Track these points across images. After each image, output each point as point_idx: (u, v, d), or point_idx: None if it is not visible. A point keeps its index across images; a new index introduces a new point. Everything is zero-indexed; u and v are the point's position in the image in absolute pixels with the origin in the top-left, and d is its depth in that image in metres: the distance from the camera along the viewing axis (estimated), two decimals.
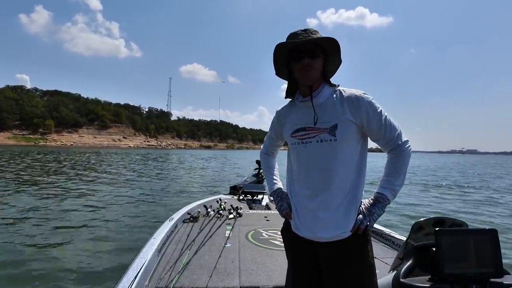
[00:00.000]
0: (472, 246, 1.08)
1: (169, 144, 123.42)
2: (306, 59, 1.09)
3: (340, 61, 1.16)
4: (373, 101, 1.11)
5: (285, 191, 1.34)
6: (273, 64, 1.21)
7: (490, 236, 1.09)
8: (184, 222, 3.32)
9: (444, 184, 15.42)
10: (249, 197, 5.11)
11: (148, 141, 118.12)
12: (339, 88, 1.17)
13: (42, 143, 79.87)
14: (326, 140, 1.11)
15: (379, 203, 1.13)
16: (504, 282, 1.07)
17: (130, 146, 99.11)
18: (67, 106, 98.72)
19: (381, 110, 1.12)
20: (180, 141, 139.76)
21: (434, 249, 1.14)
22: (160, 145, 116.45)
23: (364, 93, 1.13)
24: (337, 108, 1.12)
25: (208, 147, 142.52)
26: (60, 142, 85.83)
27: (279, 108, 1.33)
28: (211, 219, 3.40)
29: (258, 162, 6.73)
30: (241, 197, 5.06)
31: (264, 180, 6.41)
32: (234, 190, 5.59)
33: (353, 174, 1.14)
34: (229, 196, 5.19)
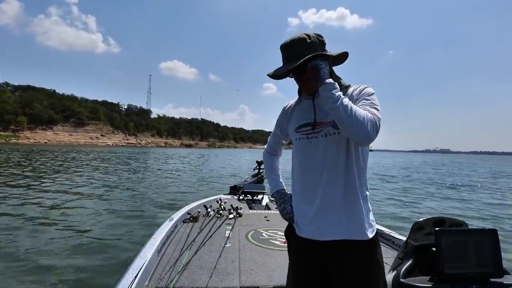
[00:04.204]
0: (472, 246, 1.07)
1: (149, 143, 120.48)
2: (297, 77, 1.13)
3: (344, 53, 1.13)
4: (370, 90, 1.10)
5: (288, 192, 1.31)
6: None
7: (490, 236, 1.08)
8: (184, 222, 3.33)
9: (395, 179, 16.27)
10: (249, 197, 5.10)
11: (127, 139, 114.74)
12: (349, 86, 1.17)
13: (14, 140, 76.09)
14: (331, 133, 1.11)
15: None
16: (504, 282, 1.06)
17: (108, 144, 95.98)
18: (41, 102, 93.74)
19: (373, 96, 1.09)
20: (160, 139, 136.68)
21: (434, 249, 1.14)
22: (139, 144, 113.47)
23: (368, 86, 1.12)
24: None
25: (189, 146, 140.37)
26: (34, 139, 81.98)
27: (286, 104, 1.34)
28: (211, 219, 3.41)
29: (258, 162, 6.72)
30: (241, 197, 5.06)
31: (264, 180, 6.45)
32: (234, 190, 5.59)
33: (359, 168, 1.12)
34: (229, 196, 5.18)
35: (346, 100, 0.98)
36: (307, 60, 1.05)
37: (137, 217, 6.34)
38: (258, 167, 6.84)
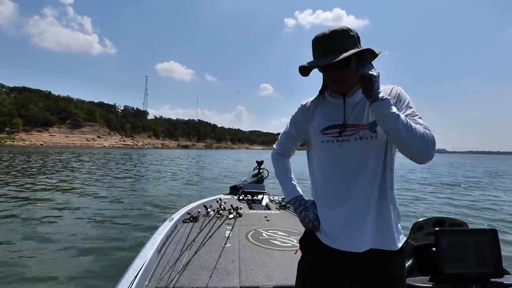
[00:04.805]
0: (472, 246, 1.07)
1: (145, 144, 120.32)
2: (334, 72, 1.01)
3: (376, 53, 1.02)
4: (406, 94, 1.06)
5: (308, 199, 1.21)
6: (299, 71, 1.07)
7: (490, 236, 1.08)
8: (184, 222, 3.32)
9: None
10: (249, 197, 5.06)
11: (124, 141, 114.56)
12: None
13: (9, 142, 75.56)
14: (367, 137, 1.03)
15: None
16: (504, 282, 1.05)
17: (104, 146, 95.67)
18: (37, 104, 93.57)
19: (412, 106, 1.03)
20: (157, 140, 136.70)
21: (434, 249, 1.13)
22: (136, 145, 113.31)
23: (400, 88, 1.07)
24: None
25: (186, 147, 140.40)
26: (29, 141, 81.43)
27: (304, 102, 1.21)
28: (211, 219, 3.40)
29: (258, 162, 6.69)
30: (241, 197, 5.03)
31: (264, 180, 6.43)
32: (234, 190, 5.56)
33: (391, 173, 1.07)
34: (229, 196, 5.15)
35: (403, 118, 0.92)
36: (351, 54, 0.95)
37: (137, 217, 6.31)
38: (258, 167, 6.80)
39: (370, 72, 0.94)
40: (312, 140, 1.16)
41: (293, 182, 1.25)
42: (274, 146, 1.36)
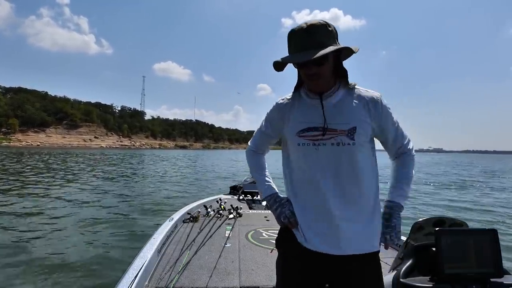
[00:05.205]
0: (472, 246, 1.07)
1: (143, 144, 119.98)
2: (310, 69, 0.97)
3: (353, 50, 1.01)
4: (389, 105, 1.08)
5: (283, 196, 1.19)
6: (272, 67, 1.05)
7: (490, 236, 1.08)
8: (184, 222, 3.32)
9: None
10: (249, 197, 5.08)
11: (121, 141, 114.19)
12: (355, 87, 1.07)
13: (5, 143, 75.07)
14: (344, 143, 1.02)
15: (396, 212, 1.07)
16: (504, 282, 1.06)
17: (102, 146, 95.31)
18: (33, 104, 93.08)
19: (393, 116, 1.09)
20: (154, 141, 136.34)
21: (434, 249, 1.13)
22: (133, 145, 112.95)
23: (381, 96, 1.07)
24: (355, 109, 1.03)
25: (184, 147, 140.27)
26: (26, 142, 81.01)
27: (280, 100, 1.16)
28: (211, 219, 3.40)
29: None
30: (241, 197, 5.06)
31: None
32: (234, 190, 5.59)
33: (370, 180, 1.07)
34: (229, 196, 5.17)
35: (405, 194, 1.10)
36: (329, 52, 0.93)
37: (137, 217, 6.31)
38: None
39: (392, 241, 1.05)
40: (288, 140, 1.13)
41: (268, 179, 1.22)
42: (249, 143, 1.32)
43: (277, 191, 1.21)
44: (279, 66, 1.01)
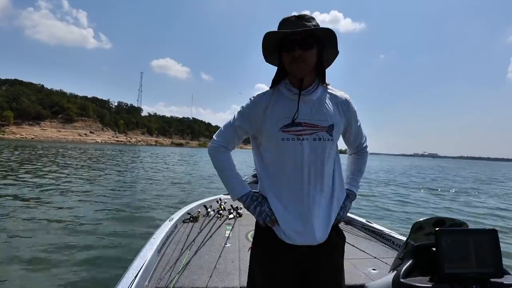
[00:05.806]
0: (472, 246, 1.08)
1: (139, 141, 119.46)
2: (298, 51, 1.01)
3: (337, 52, 1.09)
4: (355, 106, 1.20)
5: (256, 193, 1.19)
6: (262, 51, 1.10)
7: (490, 236, 1.09)
8: (184, 222, 3.31)
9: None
10: None
11: (116, 137, 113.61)
12: (328, 87, 1.16)
13: (0, 135, 74.32)
14: (325, 139, 1.08)
15: (349, 198, 1.22)
16: (504, 282, 1.06)
17: (97, 141, 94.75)
18: (29, 97, 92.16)
19: (358, 119, 1.23)
20: (150, 137, 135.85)
21: (434, 249, 1.14)
22: (129, 141, 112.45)
23: (350, 99, 1.19)
24: (332, 108, 1.12)
25: (180, 145, 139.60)
26: (20, 135, 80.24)
27: (257, 95, 1.15)
28: (211, 219, 3.39)
29: None
30: None
31: None
32: None
33: (340, 173, 1.18)
34: (229, 196, 5.04)
35: (357, 184, 1.29)
36: (315, 34, 1.02)
37: (137, 217, 6.26)
38: None
39: (340, 217, 1.18)
40: (268, 136, 1.12)
41: (241, 177, 1.18)
42: (215, 138, 1.21)
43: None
44: (270, 54, 1.12)
